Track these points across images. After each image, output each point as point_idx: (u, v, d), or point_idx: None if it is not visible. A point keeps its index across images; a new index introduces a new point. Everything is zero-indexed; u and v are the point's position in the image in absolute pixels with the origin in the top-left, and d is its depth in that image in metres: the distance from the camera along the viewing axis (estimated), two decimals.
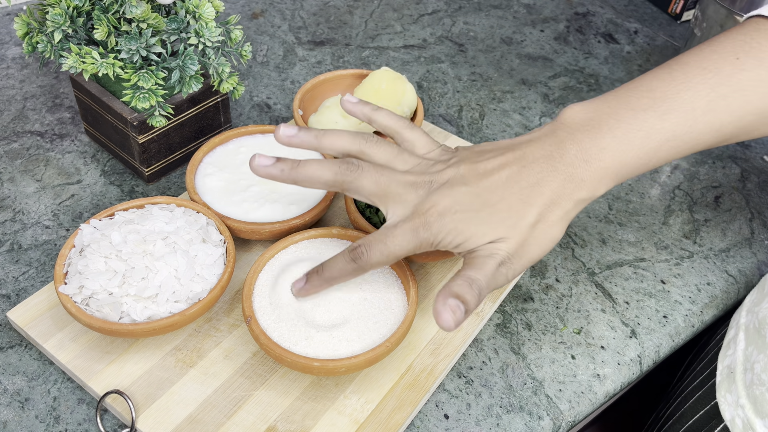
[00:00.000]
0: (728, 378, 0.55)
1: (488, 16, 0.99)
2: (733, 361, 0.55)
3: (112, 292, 0.49)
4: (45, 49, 0.59)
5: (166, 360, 0.51)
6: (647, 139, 0.45)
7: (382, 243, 0.45)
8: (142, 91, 0.59)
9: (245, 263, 0.59)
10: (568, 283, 0.62)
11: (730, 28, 0.49)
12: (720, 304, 0.63)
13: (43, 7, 0.60)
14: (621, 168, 0.45)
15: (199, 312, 0.50)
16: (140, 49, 0.58)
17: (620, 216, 0.69)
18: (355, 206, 0.58)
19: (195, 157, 0.61)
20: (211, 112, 0.67)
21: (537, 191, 0.44)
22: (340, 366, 0.47)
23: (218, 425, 0.48)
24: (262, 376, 0.51)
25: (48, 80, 0.79)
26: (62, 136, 0.72)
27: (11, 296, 0.56)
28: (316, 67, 0.85)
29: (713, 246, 0.67)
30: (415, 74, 0.86)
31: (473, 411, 0.52)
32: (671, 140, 0.45)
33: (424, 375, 0.52)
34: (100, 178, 0.67)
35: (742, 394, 0.53)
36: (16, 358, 0.52)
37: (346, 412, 0.49)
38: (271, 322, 0.49)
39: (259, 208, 0.58)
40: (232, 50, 0.64)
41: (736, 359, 0.55)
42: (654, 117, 0.45)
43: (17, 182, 0.66)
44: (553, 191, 0.44)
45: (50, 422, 0.49)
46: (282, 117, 0.77)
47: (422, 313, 0.56)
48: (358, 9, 0.97)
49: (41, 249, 0.60)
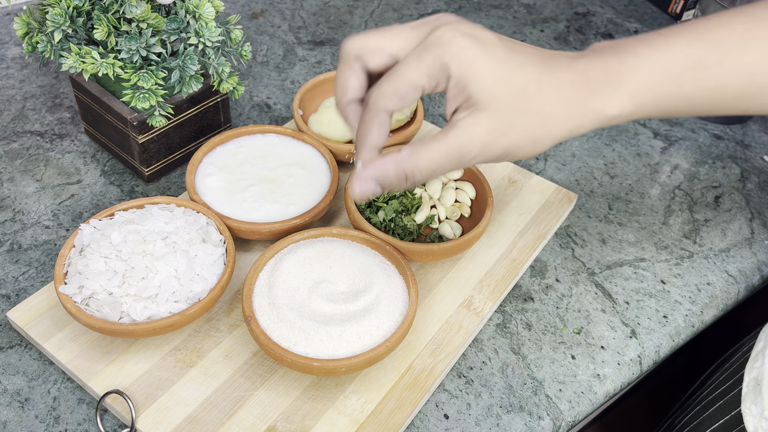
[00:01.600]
0: (754, 390, 0.55)
1: (488, 16, 0.99)
2: (760, 374, 0.55)
3: (112, 292, 0.49)
4: (45, 49, 0.59)
5: (166, 360, 0.51)
6: (673, 61, 0.41)
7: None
8: (142, 91, 0.59)
9: (245, 263, 0.59)
10: (568, 283, 0.62)
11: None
12: (720, 304, 0.63)
13: (43, 7, 0.60)
14: (640, 88, 0.41)
15: (199, 312, 0.50)
16: (140, 49, 0.58)
17: (620, 216, 0.69)
18: (355, 206, 0.58)
19: (195, 157, 0.61)
20: (210, 112, 0.67)
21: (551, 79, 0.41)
22: (339, 366, 0.47)
23: (218, 425, 0.48)
24: (262, 376, 0.51)
25: (48, 80, 0.79)
26: (62, 136, 0.72)
27: (11, 296, 0.56)
28: (316, 67, 0.85)
29: (713, 246, 0.67)
30: None
31: (473, 411, 0.52)
32: (697, 69, 0.42)
33: (424, 375, 0.52)
34: (100, 178, 0.67)
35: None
36: (16, 358, 0.52)
37: (346, 412, 0.49)
38: (271, 322, 0.49)
39: (259, 208, 0.58)
40: (232, 50, 0.64)
41: (763, 372, 0.54)
42: (683, 41, 0.42)
43: (17, 182, 0.66)
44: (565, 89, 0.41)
45: (50, 422, 0.49)
46: (282, 117, 0.77)
47: (422, 313, 0.56)
48: (358, 9, 0.97)
49: (41, 249, 0.60)
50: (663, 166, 0.76)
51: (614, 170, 0.75)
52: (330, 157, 0.63)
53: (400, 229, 0.60)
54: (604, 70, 0.41)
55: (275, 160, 0.63)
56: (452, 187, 0.64)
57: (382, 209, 0.61)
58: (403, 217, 0.61)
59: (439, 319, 0.56)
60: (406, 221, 0.61)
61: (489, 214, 0.59)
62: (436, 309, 0.56)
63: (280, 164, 0.62)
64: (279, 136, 0.65)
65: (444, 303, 0.57)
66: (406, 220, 0.61)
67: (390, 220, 0.61)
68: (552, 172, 0.73)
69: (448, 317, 0.56)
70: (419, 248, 0.56)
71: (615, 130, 0.79)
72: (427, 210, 0.62)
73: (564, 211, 0.66)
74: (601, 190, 0.72)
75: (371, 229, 0.56)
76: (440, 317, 0.56)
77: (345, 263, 0.54)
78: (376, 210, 0.61)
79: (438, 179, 0.63)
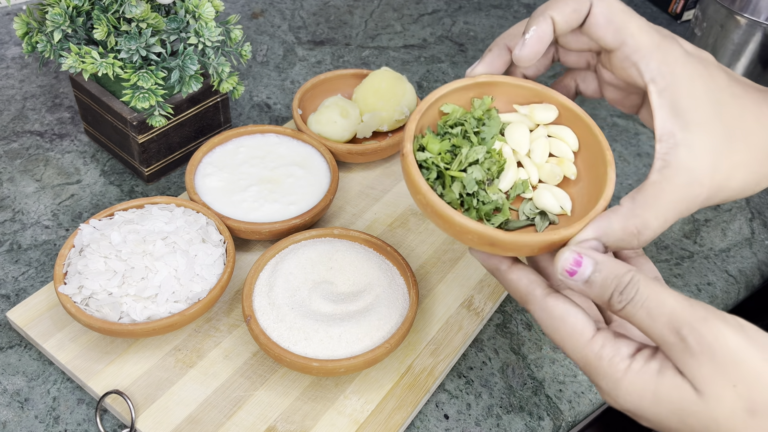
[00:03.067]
0: None
1: (488, 16, 0.99)
2: None
3: (111, 292, 0.49)
4: (44, 48, 0.59)
5: (165, 360, 0.51)
6: None
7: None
8: (142, 91, 0.58)
9: (245, 263, 0.59)
10: None
11: (730, 26, 0.48)
12: (720, 304, 0.63)
13: (43, 7, 0.60)
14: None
15: (199, 312, 0.50)
16: (140, 48, 0.58)
17: None
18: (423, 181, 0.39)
19: (194, 157, 0.61)
20: (210, 111, 0.67)
21: None
22: (339, 366, 0.47)
23: (218, 425, 0.48)
24: (261, 376, 0.51)
25: (47, 80, 0.78)
26: (62, 135, 0.72)
27: (11, 296, 0.56)
28: (315, 67, 0.85)
29: (713, 246, 0.67)
30: (415, 74, 0.86)
31: (473, 411, 0.52)
32: None
33: (424, 375, 0.52)
34: (100, 178, 0.67)
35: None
36: (16, 359, 0.52)
37: (346, 413, 0.49)
38: (271, 322, 0.49)
39: (258, 208, 0.58)
40: (232, 50, 0.64)
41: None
42: None
43: (17, 182, 0.66)
44: None
45: (50, 422, 0.49)
46: (282, 117, 0.77)
47: (422, 314, 0.56)
48: (358, 9, 0.97)
49: (41, 249, 0.60)
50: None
51: (615, 170, 0.74)
52: (330, 156, 0.63)
53: (485, 207, 0.42)
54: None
55: (275, 160, 0.63)
56: (543, 135, 0.44)
57: (457, 181, 0.42)
58: (487, 187, 0.43)
59: (439, 320, 0.55)
60: (491, 193, 0.42)
61: (611, 175, 0.40)
62: (436, 309, 0.56)
63: (280, 164, 0.62)
64: (279, 136, 0.65)
65: (444, 303, 0.57)
66: (491, 192, 0.42)
67: (469, 194, 0.42)
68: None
69: (448, 317, 0.56)
70: (525, 240, 0.37)
71: (615, 130, 0.79)
72: (513, 171, 0.43)
73: None
74: None
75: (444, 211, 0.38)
76: (440, 317, 0.56)
77: (345, 264, 0.54)
78: (451, 181, 0.42)
79: (520, 123, 0.44)
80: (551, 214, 0.42)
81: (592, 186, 0.41)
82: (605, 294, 0.34)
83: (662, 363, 0.33)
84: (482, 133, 0.43)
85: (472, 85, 0.44)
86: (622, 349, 0.34)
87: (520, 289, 0.38)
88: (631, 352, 0.34)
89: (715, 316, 0.32)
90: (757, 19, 0.74)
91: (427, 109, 0.42)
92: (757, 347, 0.31)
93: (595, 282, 0.34)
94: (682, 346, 0.31)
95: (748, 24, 0.73)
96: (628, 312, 0.33)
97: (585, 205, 0.41)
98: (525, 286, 0.38)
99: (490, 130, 0.44)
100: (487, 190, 0.42)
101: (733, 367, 0.31)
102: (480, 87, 0.44)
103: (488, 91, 0.45)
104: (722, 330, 0.31)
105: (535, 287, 0.38)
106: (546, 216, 0.42)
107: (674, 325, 0.32)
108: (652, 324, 0.32)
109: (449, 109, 0.44)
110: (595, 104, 0.84)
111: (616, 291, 0.34)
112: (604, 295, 0.34)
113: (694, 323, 0.31)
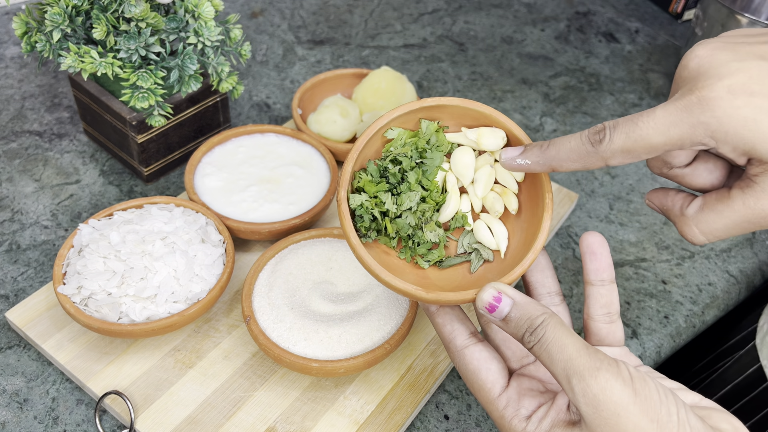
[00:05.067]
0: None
1: (489, 15, 0.99)
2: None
3: (110, 292, 0.49)
4: (44, 48, 0.59)
5: (165, 360, 0.51)
6: None
7: (632, 123, 0.34)
8: (141, 91, 0.58)
9: (245, 263, 0.58)
10: (568, 283, 0.62)
11: (731, 26, 0.46)
12: (721, 304, 0.63)
13: (42, 7, 0.60)
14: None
15: (199, 312, 0.50)
16: (139, 48, 0.58)
17: (621, 216, 0.69)
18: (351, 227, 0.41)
19: (194, 157, 0.61)
20: (210, 111, 0.67)
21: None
22: (338, 367, 0.47)
23: (217, 426, 0.47)
24: (261, 376, 0.51)
25: (47, 80, 0.78)
26: (61, 135, 0.71)
27: (10, 296, 0.56)
28: (315, 67, 0.85)
29: (714, 246, 0.67)
30: (416, 73, 0.86)
31: (473, 412, 0.52)
32: None
33: (424, 376, 0.52)
34: (99, 178, 0.67)
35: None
36: (15, 359, 0.52)
37: (346, 413, 0.49)
38: (271, 323, 0.49)
39: (258, 208, 0.58)
40: (232, 49, 0.64)
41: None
42: None
43: (16, 182, 0.66)
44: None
45: (49, 423, 0.49)
46: (281, 116, 0.77)
47: (422, 314, 0.56)
48: (358, 8, 0.97)
49: (40, 249, 0.60)
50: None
51: (615, 170, 0.74)
52: (329, 156, 0.63)
53: (419, 248, 0.44)
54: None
55: (274, 159, 0.63)
56: (490, 161, 0.44)
57: (393, 223, 0.43)
58: (425, 225, 0.44)
59: None
60: (428, 231, 0.43)
61: (545, 224, 0.40)
62: None
63: (280, 164, 0.62)
64: (278, 136, 0.65)
65: None
66: (429, 229, 0.43)
67: (408, 236, 0.44)
68: (553, 172, 0.73)
69: None
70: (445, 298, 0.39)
71: None
72: (456, 200, 0.44)
73: (565, 211, 0.66)
74: (602, 190, 0.72)
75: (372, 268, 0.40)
76: None
77: (345, 264, 0.54)
78: (384, 229, 0.43)
79: (467, 148, 0.44)
80: (486, 251, 0.43)
81: (530, 226, 0.42)
82: (519, 332, 0.37)
83: (554, 420, 0.36)
84: (425, 163, 0.43)
85: (419, 109, 0.42)
86: (521, 411, 0.38)
87: (443, 335, 0.41)
88: (528, 414, 0.38)
89: (608, 368, 0.33)
90: (758, 18, 0.74)
91: (369, 141, 0.42)
92: (639, 401, 0.32)
93: (511, 320, 0.37)
94: (572, 394, 0.34)
95: (749, 23, 0.73)
96: (536, 351, 0.36)
97: (521, 244, 0.42)
98: (447, 333, 0.41)
99: (433, 162, 0.43)
100: (424, 228, 0.43)
101: (614, 420, 0.32)
102: (428, 110, 0.43)
103: (436, 113, 0.43)
104: (610, 382, 0.33)
105: (455, 336, 0.40)
106: (481, 254, 0.43)
107: (567, 372, 0.34)
108: (551, 366, 0.35)
109: (394, 135, 0.43)
110: (595, 108, 0.84)
111: (527, 331, 0.36)
112: (518, 332, 0.37)
113: (584, 373, 0.33)
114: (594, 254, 0.41)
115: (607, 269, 0.42)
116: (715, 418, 0.35)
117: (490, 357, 0.40)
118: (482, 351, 0.40)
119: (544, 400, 0.38)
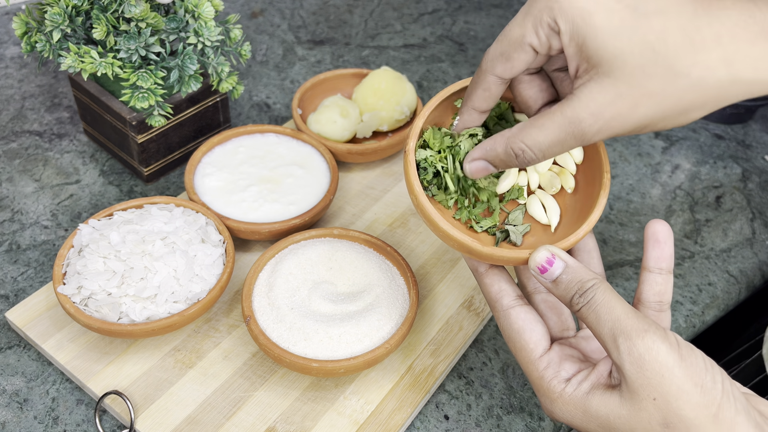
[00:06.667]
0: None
1: (489, 15, 0.99)
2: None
3: (110, 292, 0.49)
4: (44, 48, 0.59)
5: (165, 361, 0.51)
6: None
7: (503, 31, 0.37)
8: (141, 91, 0.58)
9: (245, 263, 0.58)
10: None
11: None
12: (721, 304, 0.63)
13: (42, 7, 0.60)
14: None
15: (198, 312, 0.50)
16: (139, 48, 0.58)
17: (621, 216, 0.69)
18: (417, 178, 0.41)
19: (194, 157, 0.61)
20: (210, 111, 0.67)
21: None
22: (338, 367, 0.47)
23: (217, 426, 0.47)
24: (261, 376, 0.51)
25: (47, 80, 0.78)
26: (61, 135, 0.71)
27: (10, 296, 0.56)
28: (315, 67, 0.85)
29: (714, 246, 0.67)
30: (415, 74, 0.86)
31: (473, 412, 0.52)
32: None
33: (424, 376, 0.51)
34: (99, 178, 0.67)
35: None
36: (15, 359, 0.52)
37: (346, 413, 0.49)
38: (271, 323, 0.49)
39: (258, 208, 0.58)
40: (232, 49, 0.64)
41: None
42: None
43: (16, 182, 0.66)
44: None
45: (49, 423, 0.49)
46: (281, 116, 0.77)
47: (422, 314, 0.56)
48: (358, 8, 0.97)
49: (40, 249, 0.60)
50: (664, 166, 0.76)
51: (615, 170, 0.74)
52: (329, 156, 0.63)
53: (478, 209, 0.44)
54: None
55: (274, 159, 0.63)
56: None
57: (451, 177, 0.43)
58: (479, 181, 0.44)
59: (439, 320, 0.55)
60: (482, 187, 0.44)
61: (602, 200, 0.41)
62: (437, 309, 0.56)
63: (280, 164, 0.62)
64: (278, 136, 0.65)
65: (444, 303, 0.57)
66: (483, 185, 0.44)
67: (463, 189, 0.44)
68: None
69: (448, 318, 0.56)
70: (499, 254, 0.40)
71: None
72: (513, 175, 0.44)
73: None
74: None
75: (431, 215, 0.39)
76: (440, 318, 0.56)
77: (345, 264, 0.54)
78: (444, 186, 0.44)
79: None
80: (516, 235, 0.44)
81: (584, 203, 0.43)
82: (568, 294, 0.37)
83: (594, 383, 0.36)
84: (494, 131, 0.44)
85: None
86: (561, 373, 0.38)
87: (490, 294, 0.41)
88: (568, 376, 0.38)
89: (655, 331, 0.34)
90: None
91: (439, 104, 0.43)
92: (685, 365, 0.33)
93: (561, 282, 0.37)
94: (617, 354, 0.34)
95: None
96: (583, 313, 0.36)
97: (573, 221, 0.43)
98: (495, 292, 0.41)
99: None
100: (479, 183, 0.44)
101: (657, 380, 0.33)
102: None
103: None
104: (656, 343, 0.33)
105: (503, 296, 0.41)
106: (509, 235, 0.44)
107: (614, 332, 0.34)
108: (598, 327, 0.35)
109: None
110: None
111: (577, 293, 0.37)
112: (567, 294, 0.37)
113: (632, 333, 0.34)
114: (658, 242, 0.41)
115: (668, 259, 0.41)
116: (754, 401, 0.35)
117: (535, 319, 0.40)
118: (528, 313, 0.40)
119: (584, 366, 0.38)
